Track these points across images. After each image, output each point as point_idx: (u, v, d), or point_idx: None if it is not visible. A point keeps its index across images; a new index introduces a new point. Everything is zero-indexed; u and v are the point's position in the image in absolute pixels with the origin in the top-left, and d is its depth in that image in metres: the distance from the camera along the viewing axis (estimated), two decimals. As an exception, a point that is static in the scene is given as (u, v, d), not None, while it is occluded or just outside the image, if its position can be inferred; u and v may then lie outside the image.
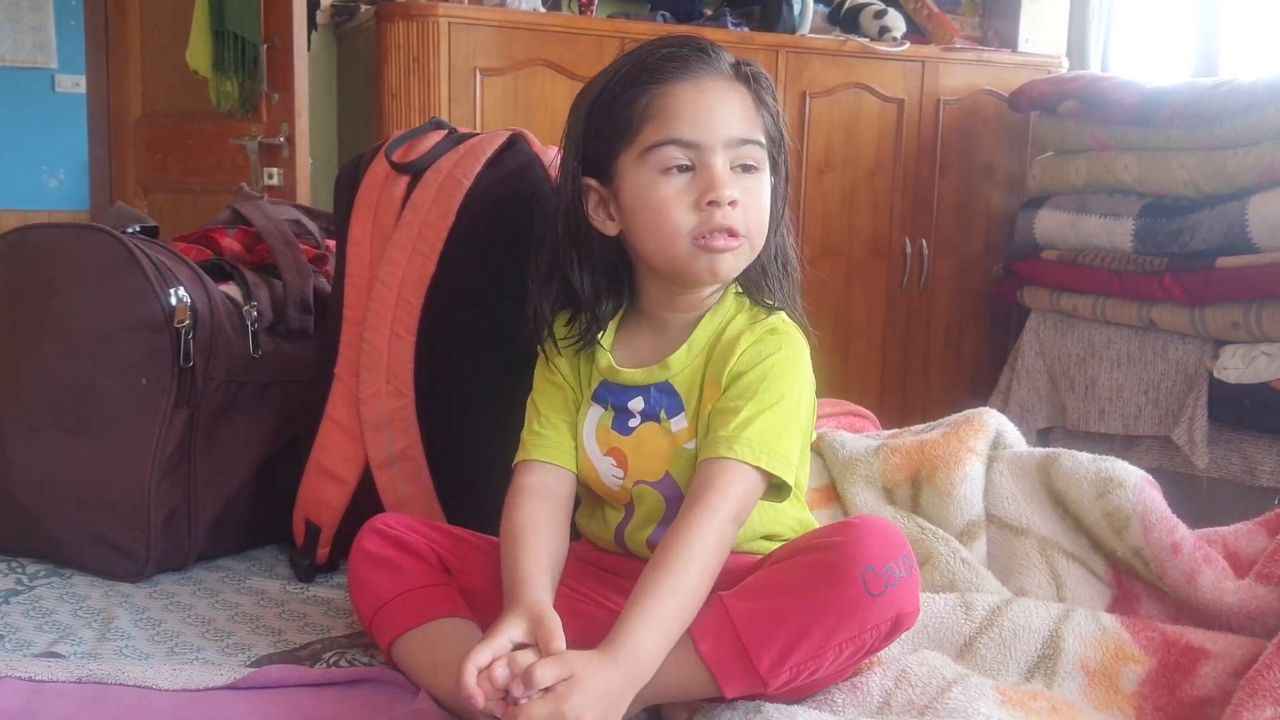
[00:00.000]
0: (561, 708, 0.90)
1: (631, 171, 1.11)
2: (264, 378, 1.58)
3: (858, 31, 3.13)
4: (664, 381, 1.16)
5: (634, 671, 0.96)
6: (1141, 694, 1.10)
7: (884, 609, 0.98)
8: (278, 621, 1.35)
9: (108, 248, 1.50)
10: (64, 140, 5.15)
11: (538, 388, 1.23)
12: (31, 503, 1.49)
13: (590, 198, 1.15)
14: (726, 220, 1.08)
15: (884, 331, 3.20)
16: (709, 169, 1.08)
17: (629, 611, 0.98)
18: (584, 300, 1.18)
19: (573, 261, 1.17)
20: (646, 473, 1.15)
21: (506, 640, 0.97)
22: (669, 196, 1.09)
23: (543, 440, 1.19)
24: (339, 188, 1.59)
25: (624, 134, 1.11)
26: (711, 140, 1.09)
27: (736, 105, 1.11)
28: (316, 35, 3.10)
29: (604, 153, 1.13)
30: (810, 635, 0.98)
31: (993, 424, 1.50)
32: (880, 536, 1.01)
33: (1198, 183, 2.56)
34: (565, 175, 1.16)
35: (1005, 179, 3.28)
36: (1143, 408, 2.71)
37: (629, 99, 1.10)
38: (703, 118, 1.09)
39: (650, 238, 1.12)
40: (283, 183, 2.74)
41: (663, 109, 1.09)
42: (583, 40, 2.79)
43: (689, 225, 1.09)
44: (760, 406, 1.08)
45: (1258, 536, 1.31)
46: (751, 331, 1.13)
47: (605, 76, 1.15)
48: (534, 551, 1.08)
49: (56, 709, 1.06)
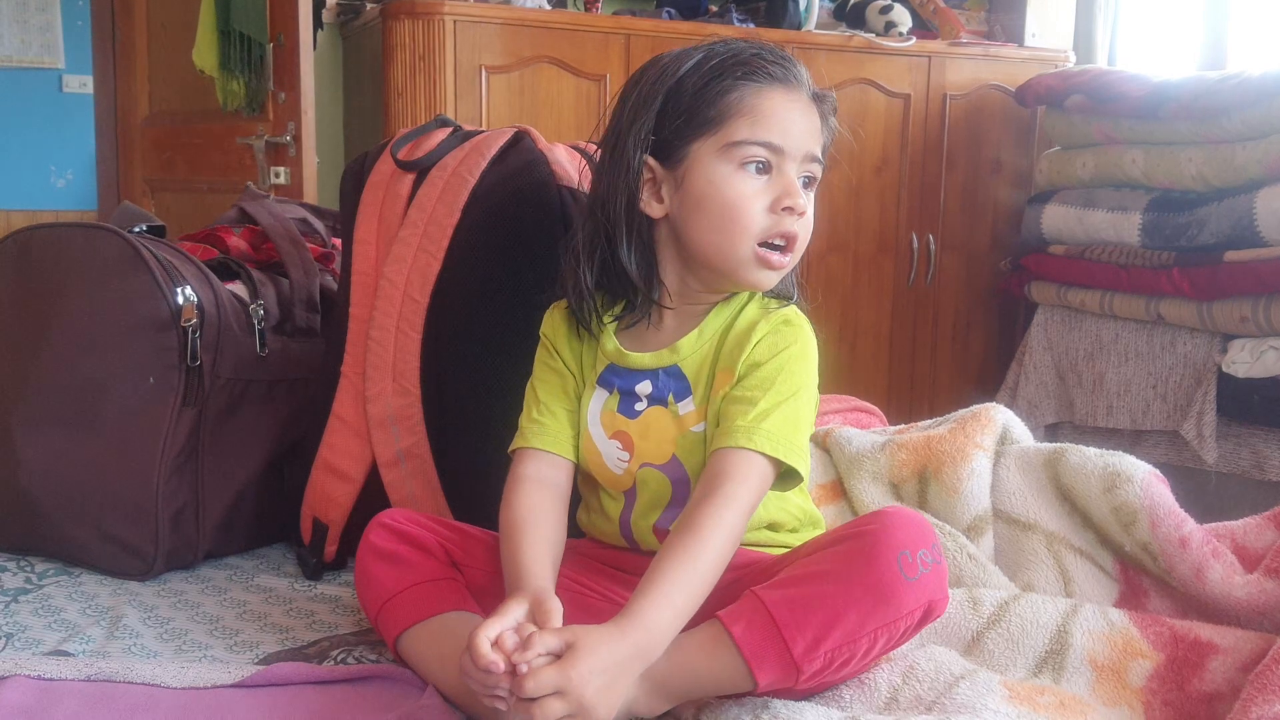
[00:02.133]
0: (568, 673, 0.91)
1: (708, 161, 1.11)
2: (270, 376, 1.58)
3: (863, 27, 3.13)
4: (673, 365, 1.16)
5: (643, 643, 0.95)
6: (1150, 689, 1.10)
7: (918, 594, 0.98)
8: (285, 619, 1.35)
9: (115, 247, 1.50)
10: (71, 140, 5.17)
11: (538, 373, 1.23)
12: (40, 501, 1.50)
13: (647, 179, 1.14)
14: (794, 227, 1.11)
15: (891, 327, 3.20)
16: (786, 176, 1.11)
17: (642, 588, 0.98)
18: (634, 278, 1.16)
19: (623, 238, 1.15)
20: (653, 456, 1.16)
21: (513, 618, 0.97)
22: (746, 194, 1.10)
23: (542, 428, 1.19)
24: (345, 186, 1.59)
25: (707, 122, 1.11)
26: (794, 149, 1.11)
27: (814, 121, 1.14)
28: (322, 34, 3.10)
29: (676, 136, 1.12)
30: (845, 619, 0.97)
31: (1000, 419, 1.49)
32: (911, 524, 1.02)
33: (1205, 176, 2.55)
34: (629, 150, 1.13)
35: (1012, 174, 3.27)
36: (1151, 402, 2.70)
37: (721, 90, 1.11)
38: (791, 126, 1.11)
39: (712, 230, 1.12)
40: (289, 181, 2.74)
41: (755, 108, 1.11)
42: (588, 37, 2.78)
43: (760, 225, 1.11)
44: (778, 398, 1.09)
45: (1266, 531, 1.31)
46: (767, 321, 1.14)
47: (686, 61, 1.14)
48: (534, 542, 1.08)
49: (65, 707, 1.06)
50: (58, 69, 5.26)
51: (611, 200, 1.15)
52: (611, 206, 1.15)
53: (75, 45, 5.12)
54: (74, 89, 5.21)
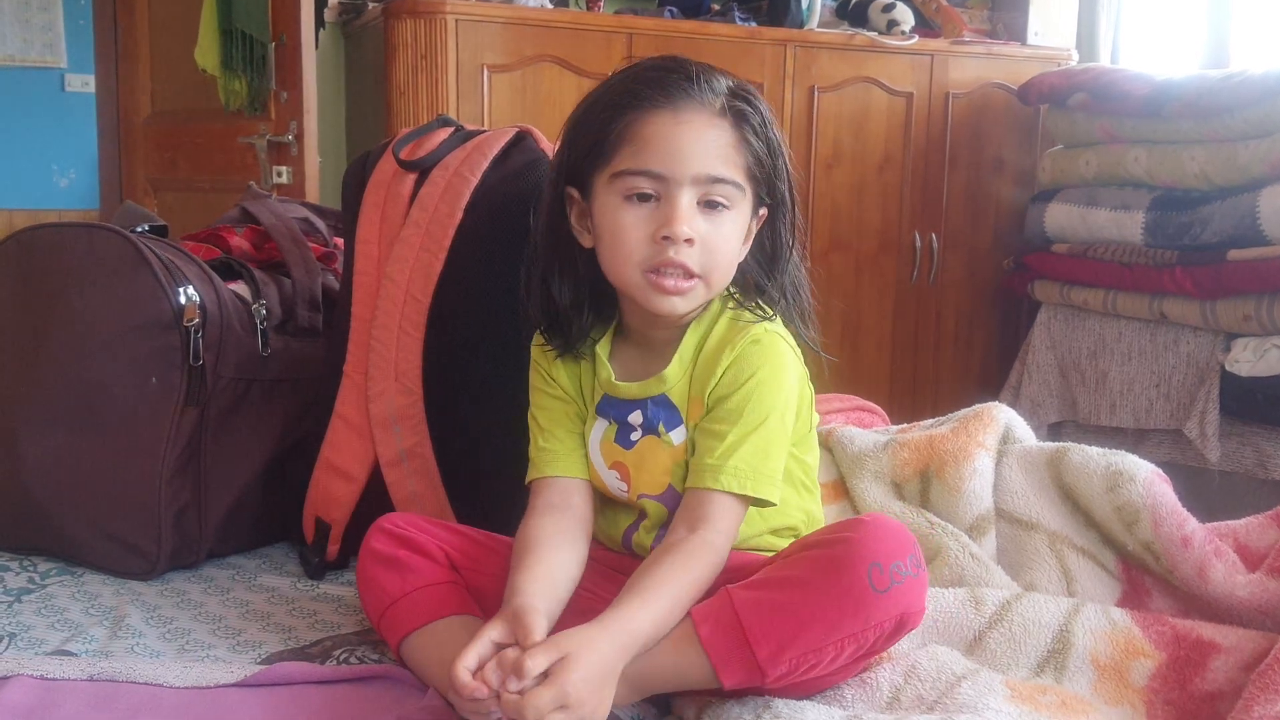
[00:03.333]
0: (564, 688, 0.91)
1: (601, 192, 1.11)
2: (273, 376, 1.58)
3: (866, 25, 3.12)
4: (660, 394, 1.15)
5: (625, 642, 0.97)
6: (1152, 688, 1.10)
7: (888, 606, 0.98)
8: (288, 619, 1.35)
9: (117, 247, 1.50)
10: (74, 139, 5.17)
11: (536, 402, 1.22)
12: (43, 501, 1.50)
13: (574, 208, 1.15)
14: (679, 257, 1.07)
15: (894, 326, 3.19)
16: (671, 203, 1.07)
17: (625, 593, 1.00)
18: (561, 309, 1.17)
19: (554, 269, 1.17)
20: (649, 486, 1.16)
21: (487, 640, 0.98)
22: (627, 225, 1.08)
23: (550, 455, 1.19)
24: (347, 185, 1.59)
25: (600, 153, 1.10)
26: (679, 175, 1.07)
27: (714, 141, 1.08)
28: (324, 33, 3.10)
29: (583, 168, 1.12)
30: (812, 627, 0.97)
31: (1002, 418, 1.49)
32: (888, 534, 1.01)
33: (1209, 175, 2.55)
34: (553, 181, 1.16)
35: (1015, 172, 3.27)
36: (1154, 401, 2.70)
37: (607, 119, 1.09)
38: (675, 151, 1.07)
39: (607, 259, 1.12)
40: (291, 181, 2.75)
41: (636, 136, 1.08)
42: (590, 36, 2.78)
43: (640, 256, 1.08)
44: (745, 430, 1.09)
45: (1269, 530, 1.31)
46: (733, 346, 1.12)
47: (597, 90, 1.14)
48: (531, 566, 1.08)
49: (68, 707, 1.06)
50: (60, 68, 5.27)
51: (543, 232, 1.17)
52: (542, 238, 1.17)
53: (77, 44, 5.12)
54: (76, 88, 5.22)
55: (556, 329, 1.19)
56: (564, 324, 1.17)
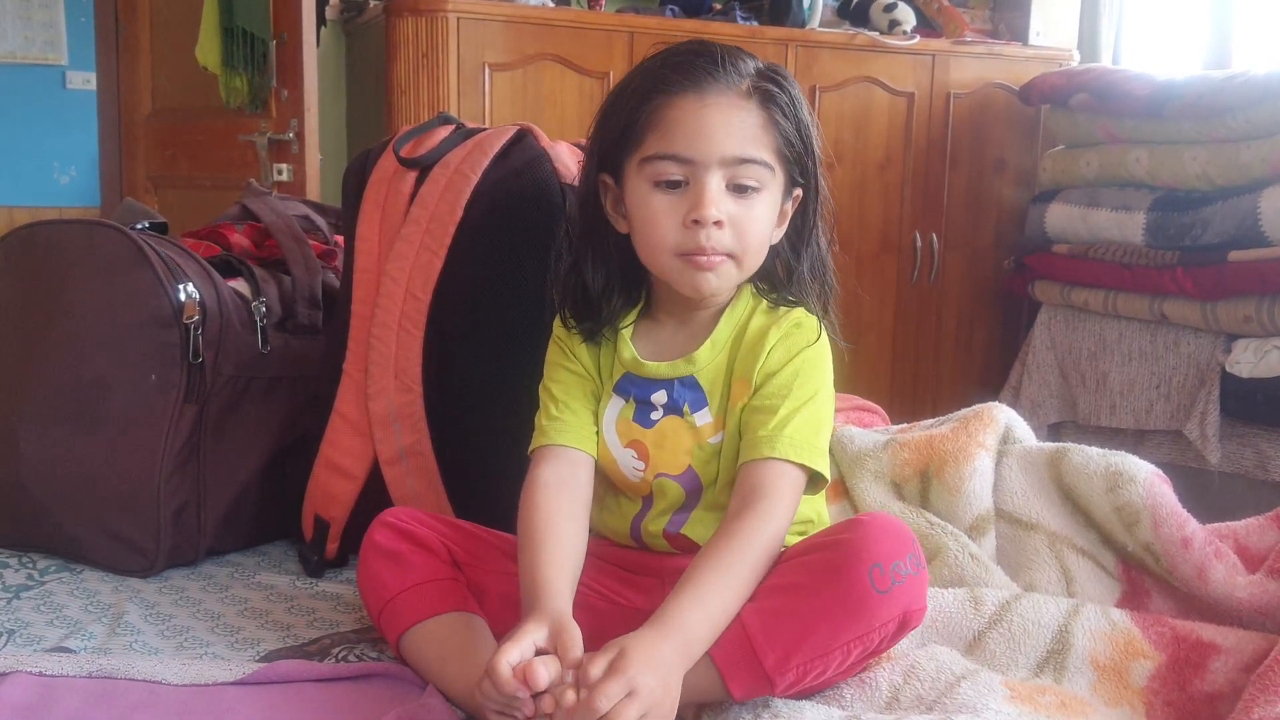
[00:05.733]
0: (629, 674, 0.89)
1: (632, 178, 1.12)
2: (272, 373, 1.58)
3: (867, 25, 3.12)
4: (689, 375, 1.16)
5: (681, 645, 0.95)
6: (1151, 689, 1.10)
7: (890, 606, 0.98)
8: (287, 616, 1.35)
9: (117, 244, 1.50)
10: (74, 137, 5.18)
11: (552, 375, 1.22)
12: (43, 498, 1.50)
13: (608, 194, 1.16)
14: (709, 241, 1.08)
15: (894, 326, 3.19)
16: (700, 187, 1.07)
17: (676, 594, 0.97)
18: (592, 294, 1.18)
19: (587, 255, 1.18)
20: (669, 466, 1.15)
21: (530, 643, 0.96)
22: (658, 210, 1.09)
23: (561, 425, 1.18)
24: (347, 183, 1.59)
25: (629, 139, 1.11)
26: (707, 158, 1.07)
27: (741, 122, 1.08)
28: (325, 31, 3.10)
29: (615, 154, 1.13)
30: (816, 632, 0.97)
31: (1002, 419, 1.49)
32: (888, 534, 1.00)
33: (1210, 175, 2.55)
34: (587, 168, 1.17)
35: (1016, 172, 3.27)
36: (1154, 402, 2.70)
37: (635, 105, 1.10)
38: (701, 134, 1.07)
39: (641, 245, 1.13)
40: (292, 178, 2.75)
41: (662, 120, 1.08)
42: (591, 35, 2.78)
43: (672, 241, 1.09)
44: (796, 403, 1.09)
45: (1269, 531, 1.30)
46: (778, 327, 1.14)
47: (627, 76, 1.15)
48: (553, 552, 1.06)
49: (66, 704, 1.06)
50: (61, 65, 5.27)
51: (578, 217, 1.18)
52: (575, 224, 1.18)
53: (78, 42, 5.12)
54: (77, 86, 5.22)
55: (586, 313, 1.19)
56: (595, 308, 1.18)
